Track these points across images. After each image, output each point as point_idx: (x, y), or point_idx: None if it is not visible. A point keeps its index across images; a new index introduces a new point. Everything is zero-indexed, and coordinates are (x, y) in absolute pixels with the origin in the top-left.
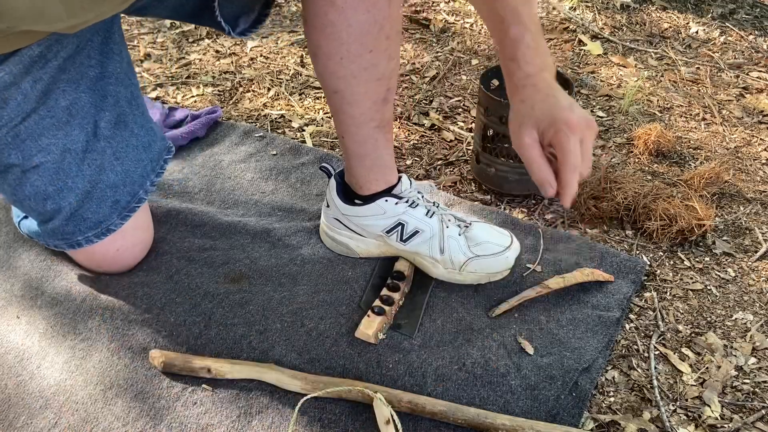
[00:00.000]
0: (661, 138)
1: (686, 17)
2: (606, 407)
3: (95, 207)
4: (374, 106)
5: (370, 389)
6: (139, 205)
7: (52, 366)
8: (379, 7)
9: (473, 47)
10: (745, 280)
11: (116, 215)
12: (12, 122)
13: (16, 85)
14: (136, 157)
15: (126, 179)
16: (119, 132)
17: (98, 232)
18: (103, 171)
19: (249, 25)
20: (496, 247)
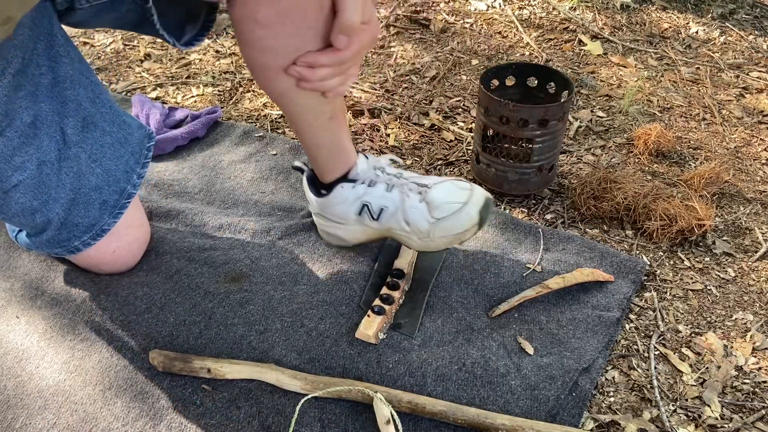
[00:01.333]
0: (661, 138)
1: (686, 17)
2: (606, 407)
3: (84, 212)
4: (321, 101)
5: (370, 389)
6: (129, 201)
7: (51, 366)
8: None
9: (473, 47)
10: (745, 280)
11: (107, 215)
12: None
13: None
14: (114, 154)
15: (109, 179)
16: (89, 134)
17: (93, 234)
18: (83, 176)
19: (195, 33)
20: (454, 206)
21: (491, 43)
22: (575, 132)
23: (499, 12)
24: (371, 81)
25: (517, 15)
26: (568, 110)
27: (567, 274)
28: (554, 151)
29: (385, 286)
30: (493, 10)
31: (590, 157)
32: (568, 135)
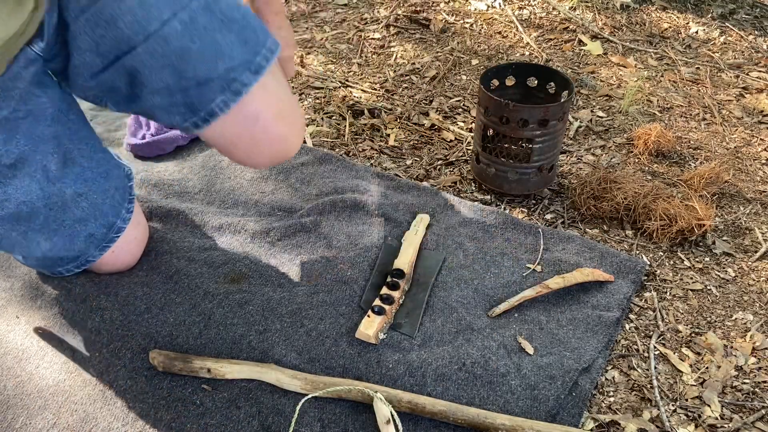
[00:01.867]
0: (661, 138)
1: (686, 17)
2: (606, 407)
3: (68, 244)
4: None
5: (370, 389)
6: (118, 235)
7: (51, 366)
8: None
9: (473, 47)
10: (745, 280)
11: (94, 248)
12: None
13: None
14: (99, 188)
15: (95, 212)
16: (69, 170)
17: (78, 264)
18: (67, 209)
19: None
20: None
21: (491, 43)
22: (575, 132)
23: (499, 12)
24: (371, 81)
25: (517, 15)
26: (568, 110)
27: (567, 274)
28: (554, 151)
29: (385, 286)
30: (493, 10)
31: (590, 157)
32: (568, 135)
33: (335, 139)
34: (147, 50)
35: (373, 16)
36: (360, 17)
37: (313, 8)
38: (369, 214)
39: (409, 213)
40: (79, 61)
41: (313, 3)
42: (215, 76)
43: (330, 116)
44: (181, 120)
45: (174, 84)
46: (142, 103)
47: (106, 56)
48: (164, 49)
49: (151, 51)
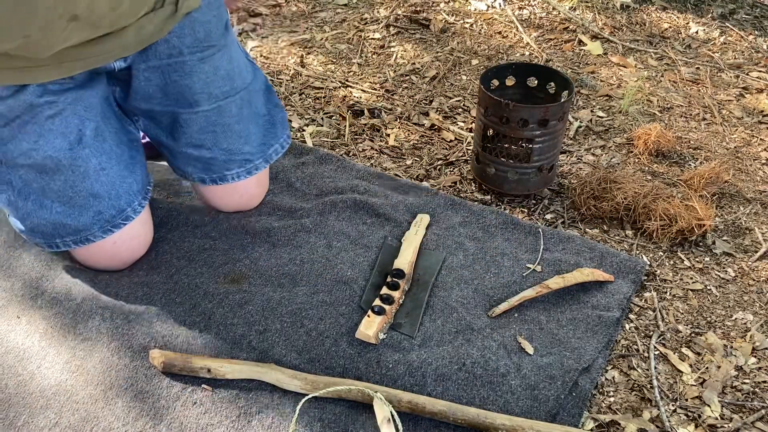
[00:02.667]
0: (661, 138)
1: (686, 17)
2: (606, 407)
3: (76, 214)
4: None
5: (370, 389)
6: (125, 222)
7: (53, 366)
8: None
9: (473, 47)
10: (745, 280)
11: (98, 227)
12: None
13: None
14: (120, 173)
15: (111, 191)
16: (100, 144)
17: (77, 239)
18: (87, 178)
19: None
20: None
21: (491, 43)
22: (575, 132)
23: (499, 12)
24: (371, 81)
25: (517, 15)
26: (568, 110)
27: (567, 274)
28: (554, 151)
29: (385, 286)
30: (493, 10)
31: (590, 157)
32: (568, 135)
33: (335, 139)
34: (205, 112)
35: (373, 16)
36: (360, 17)
37: (313, 8)
38: (369, 214)
39: (409, 213)
40: (140, 88)
41: (313, 3)
42: (239, 153)
43: (330, 116)
44: (192, 171)
45: (208, 145)
46: (171, 144)
47: (168, 97)
48: (216, 118)
49: (207, 114)
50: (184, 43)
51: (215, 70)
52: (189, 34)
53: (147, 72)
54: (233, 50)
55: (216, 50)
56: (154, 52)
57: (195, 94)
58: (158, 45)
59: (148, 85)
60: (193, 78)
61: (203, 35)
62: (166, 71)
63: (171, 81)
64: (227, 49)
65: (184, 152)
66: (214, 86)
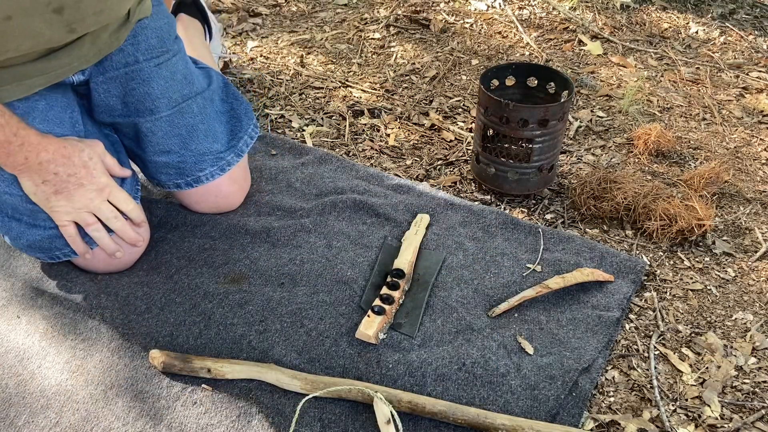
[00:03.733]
0: (661, 138)
1: (686, 17)
2: (606, 407)
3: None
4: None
5: (370, 389)
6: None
7: (53, 366)
8: None
9: (473, 47)
10: (745, 280)
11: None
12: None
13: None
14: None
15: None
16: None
17: (71, 251)
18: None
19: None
20: None
21: (491, 43)
22: (575, 132)
23: (499, 12)
24: (371, 81)
25: (517, 15)
26: (568, 110)
27: (567, 274)
28: (554, 151)
29: (385, 286)
30: (493, 10)
31: (590, 157)
32: (568, 135)
33: (335, 139)
34: (167, 116)
35: (373, 16)
36: (360, 17)
37: (313, 8)
38: (369, 214)
39: (409, 213)
40: (101, 101)
41: (313, 3)
42: (209, 153)
43: (330, 116)
44: (166, 178)
45: (176, 149)
46: (141, 154)
47: (128, 107)
48: (179, 120)
49: (170, 118)
50: (139, 50)
51: (172, 74)
52: (143, 41)
53: (105, 84)
54: (186, 56)
55: (171, 55)
56: (110, 62)
57: (155, 99)
58: (113, 55)
59: (108, 97)
60: (152, 84)
61: (156, 41)
62: (124, 80)
63: (130, 89)
64: (182, 54)
65: (154, 160)
66: (173, 90)
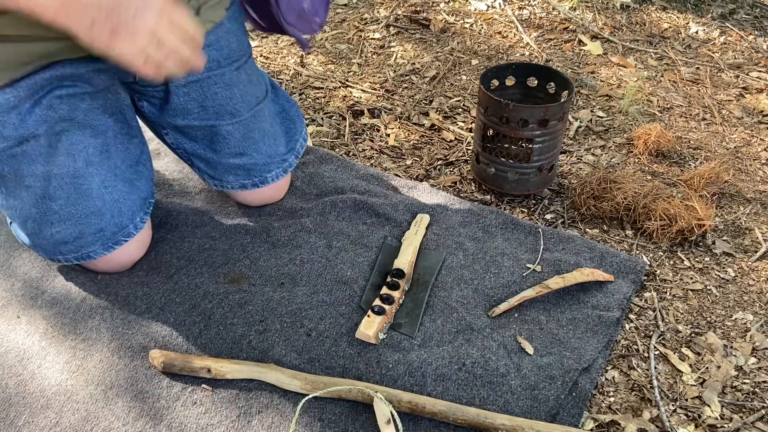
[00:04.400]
0: (661, 138)
1: (686, 17)
2: (606, 407)
3: (78, 232)
4: None
5: (370, 389)
6: (126, 239)
7: (53, 366)
8: None
9: (473, 47)
10: (745, 280)
11: (99, 244)
12: (8, 144)
13: (17, 108)
14: (124, 189)
15: (113, 209)
16: (106, 160)
17: (78, 255)
18: (89, 197)
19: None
20: None
21: (491, 43)
22: (575, 132)
23: (499, 12)
24: (371, 81)
25: (517, 15)
26: (568, 110)
27: (567, 274)
28: (554, 151)
29: (385, 286)
30: (493, 10)
31: (590, 157)
32: (568, 135)
33: (335, 139)
34: (245, 120)
35: (373, 16)
36: (360, 17)
37: None
38: (369, 214)
39: (409, 213)
40: (178, 104)
41: None
42: (276, 155)
43: (330, 116)
44: (233, 179)
45: (249, 152)
46: (211, 156)
47: (207, 111)
48: (254, 124)
49: (247, 122)
50: (222, 55)
51: (249, 77)
52: (225, 46)
53: (186, 87)
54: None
55: (247, 57)
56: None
57: (236, 104)
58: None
59: (186, 100)
60: (233, 89)
61: (236, 45)
62: (206, 84)
63: (211, 94)
64: (251, 55)
65: (226, 162)
66: (250, 94)
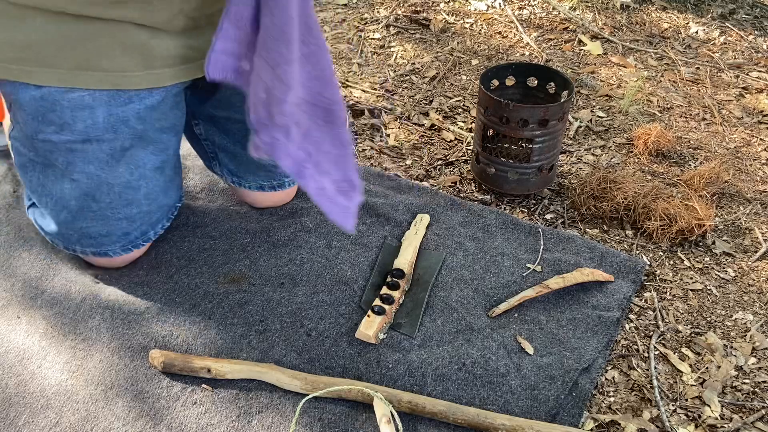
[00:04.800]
0: (661, 138)
1: (686, 17)
2: (606, 407)
3: (105, 232)
4: None
5: (370, 389)
6: (145, 244)
7: (53, 366)
8: None
9: (473, 47)
10: (745, 280)
11: (120, 245)
12: (72, 138)
13: (91, 109)
14: (160, 199)
15: (146, 217)
16: (158, 175)
17: (97, 251)
18: (130, 204)
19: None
20: None
21: (491, 43)
22: (575, 132)
23: (499, 12)
24: (371, 81)
25: (517, 15)
26: (568, 110)
27: (567, 274)
28: (554, 151)
29: (385, 286)
30: (493, 10)
31: (590, 157)
32: (568, 135)
33: None
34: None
35: (373, 16)
36: (360, 17)
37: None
38: (369, 214)
39: (409, 213)
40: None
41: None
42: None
43: None
44: (253, 179)
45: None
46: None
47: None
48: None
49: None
50: None
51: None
52: None
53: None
54: None
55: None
56: None
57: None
58: None
59: (233, 93)
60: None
61: None
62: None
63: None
64: None
65: (253, 159)
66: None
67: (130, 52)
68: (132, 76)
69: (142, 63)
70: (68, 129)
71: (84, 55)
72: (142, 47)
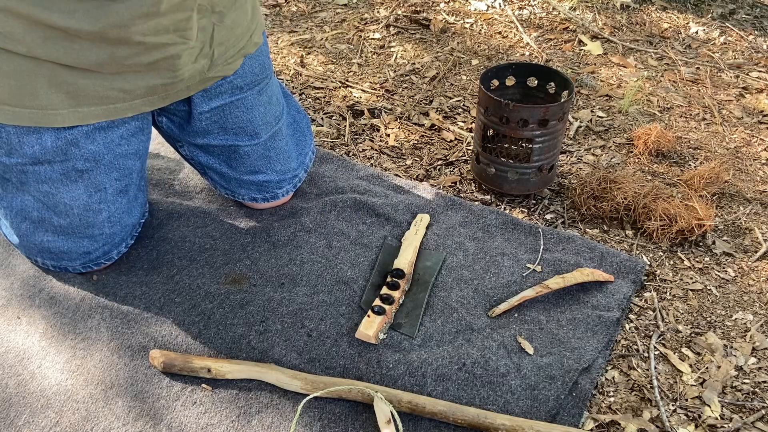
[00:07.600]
0: (661, 138)
1: (686, 17)
2: (606, 407)
3: (66, 248)
4: None
5: (370, 389)
6: (107, 263)
7: (53, 366)
8: None
9: (473, 47)
10: (745, 280)
11: (79, 263)
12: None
13: (38, 134)
14: (123, 220)
15: (108, 238)
16: (120, 198)
17: (56, 265)
18: (91, 226)
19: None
20: None
21: (491, 43)
22: (575, 132)
23: (499, 12)
24: (371, 81)
25: (517, 15)
26: (568, 110)
27: (567, 274)
28: (554, 151)
29: (385, 286)
30: (493, 10)
31: (590, 157)
32: (568, 135)
33: (335, 139)
34: (264, 141)
35: (373, 16)
36: (360, 17)
37: (313, 8)
38: (369, 214)
39: (409, 213)
40: (200, 128)
41: (313, 3)
42: (289, 171)
43: (330, 116)
44: (246, 192)
45: (264, 170)
46: (227, 172)
47: (227, 132)
48: (272, 143)
49: (265, 142)
50: (245, 81)
51: (269, 98)
52: (249, 72)
53: (209, 113)
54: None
55: (269, 79)
56: (217, 92)
57: (256, 126)
58: (222, 85)
59: (208, 124)
60: (254, 112)
61: (259, 69)
62: (228, 109)
63: (233, 117)
64: (273, 74)
65: (240, 179)
66: (270, 115)
67: (56, 89)
68: (55, 114)
69: (67, 101)
70: (17, 153)
71: (7, 91)
72: (68, 86)
